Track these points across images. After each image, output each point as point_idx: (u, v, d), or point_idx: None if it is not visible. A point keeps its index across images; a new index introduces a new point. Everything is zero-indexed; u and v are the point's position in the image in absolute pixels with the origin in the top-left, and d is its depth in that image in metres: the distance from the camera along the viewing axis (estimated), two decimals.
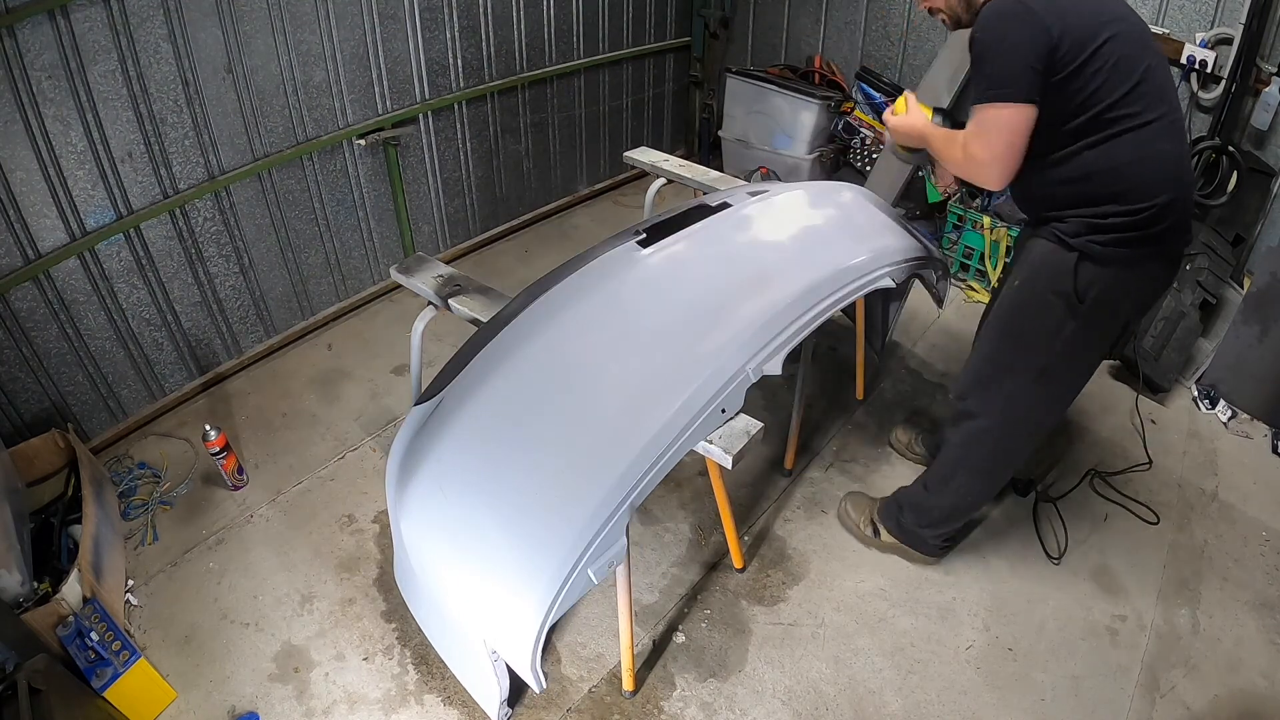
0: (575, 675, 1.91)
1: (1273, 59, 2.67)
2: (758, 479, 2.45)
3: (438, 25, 3.02)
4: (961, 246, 3.33)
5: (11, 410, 2.32)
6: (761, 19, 4.01)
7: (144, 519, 2.32)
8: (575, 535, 1.44)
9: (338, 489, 2.43)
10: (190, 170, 2.50)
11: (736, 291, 1.83)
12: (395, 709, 1.84)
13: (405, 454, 1.71)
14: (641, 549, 2.21)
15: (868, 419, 2.70)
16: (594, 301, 1.82)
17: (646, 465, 1.51)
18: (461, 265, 3.48)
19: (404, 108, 3.04)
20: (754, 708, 1.84)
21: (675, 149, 4.47)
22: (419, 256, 2.27)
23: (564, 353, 1.73)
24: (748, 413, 1.65)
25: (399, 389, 2.82)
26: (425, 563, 1.64)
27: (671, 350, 1.70)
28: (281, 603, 2.08)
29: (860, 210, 2.27)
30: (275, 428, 2.66)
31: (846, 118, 3.63)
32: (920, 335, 3.12)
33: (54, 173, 2.18)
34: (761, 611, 2.06)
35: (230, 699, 1.86)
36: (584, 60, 3.68)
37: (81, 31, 2.10)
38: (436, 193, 3.38)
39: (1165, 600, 2.10)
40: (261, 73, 2.56)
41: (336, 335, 3.12)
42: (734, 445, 1.57)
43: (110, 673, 1.72)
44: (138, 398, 2.66)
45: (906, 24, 3.48)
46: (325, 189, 2.94)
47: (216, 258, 2.70)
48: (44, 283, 2.27)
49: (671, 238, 1.97)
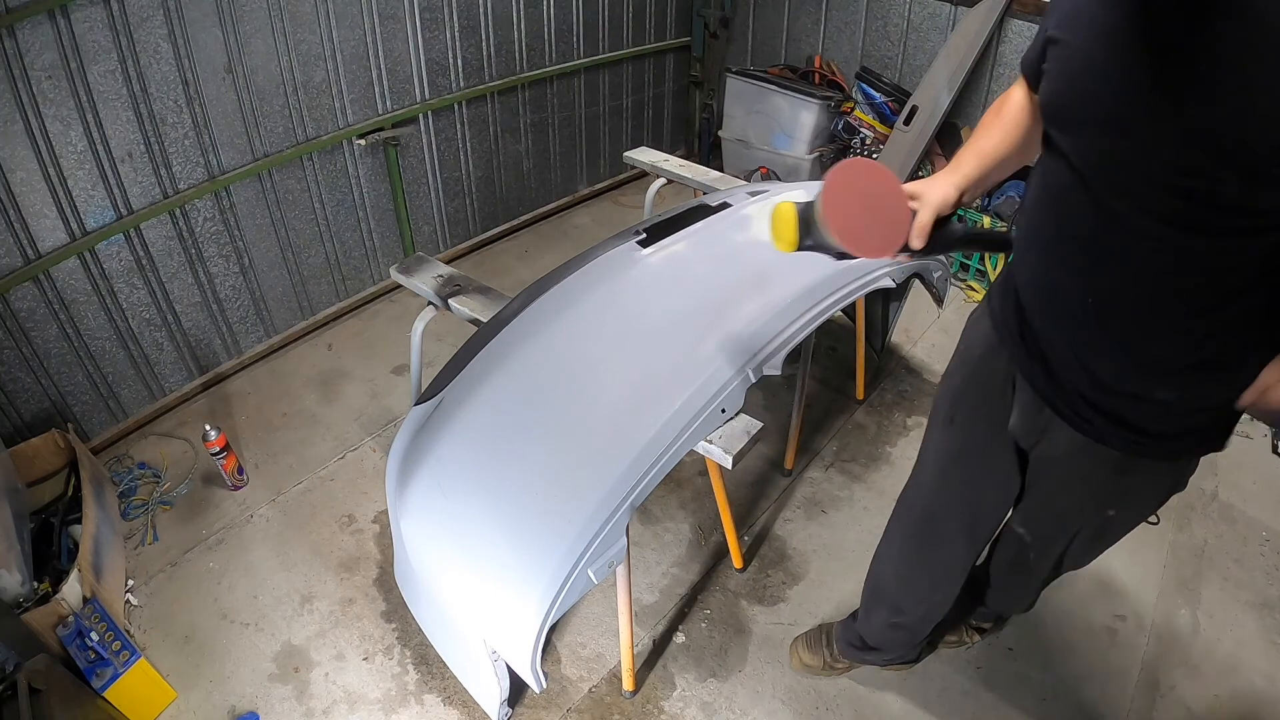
0: (575, 675, 1.91)
1: None
2: (758, 479, 2.45)
3: (438, 25, 3.02)
4: None
5: (11, 410, 2.32)
6: (761, 19, 4.01)
7: (144, 519, 2.32)
8: (575, 535, 1.44)
9: (338, 489, 2.43)
10: (190, 170, 2.50)
11: (736, 291, 1.83)
12: (395, 709, 1.84)
13: (405, 454, 1.71)
14: (641, 549, 2.21)
15: (868, 419, 2.70)
16: (594, 301, 1.82)
17: (646, 465, 1.51)
18: (461, 265, 3.48)
19: (404, 108, 3.04)
20: (754, 708, 1.84)
21: (675, 149, 4.47)
22: (419, 256, 2.27)
23: (564, 353, 1.73)
24: (748, 413, 1.65)
25: (399, 389, 2.82)
26: (425, 562, 1.64)
27: (671, 350, 1.70)
28: (281, 603, 2.08)
29: None
30: (275, 428, 2.66)
31: (846, 118, 3.62)
32: (920, 335, 3.12)
33: (54, 173, 2.18)
34: (761, 611, 2.06)
35: (230, 699, 1.86)
36: (584, 60, 3.68)
37: (81, 31, 2.10)
38: (436, 193, 3.38)
39: (1165, 600, 2.10)
40: (261, 73, 2.55)
41: (336, 335, 3.12)
42: (734, 445, 1.57)
43: (110, 673, 1.72)
44: (138, 398, 2.66)
45: (906, 24, 3.48)
46: (325, 189, 2.94)
47: (216, 258, 2.70)
48: (44, 283, 2.27)
49: (671, 238, 1.97)
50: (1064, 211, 1.02)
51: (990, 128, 1.22)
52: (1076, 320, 1.07)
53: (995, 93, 3.31)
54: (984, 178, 1.18)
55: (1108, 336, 1.05)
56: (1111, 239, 0.97)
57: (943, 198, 1.11)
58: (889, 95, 3.54)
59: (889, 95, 3.54)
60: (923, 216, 1.10)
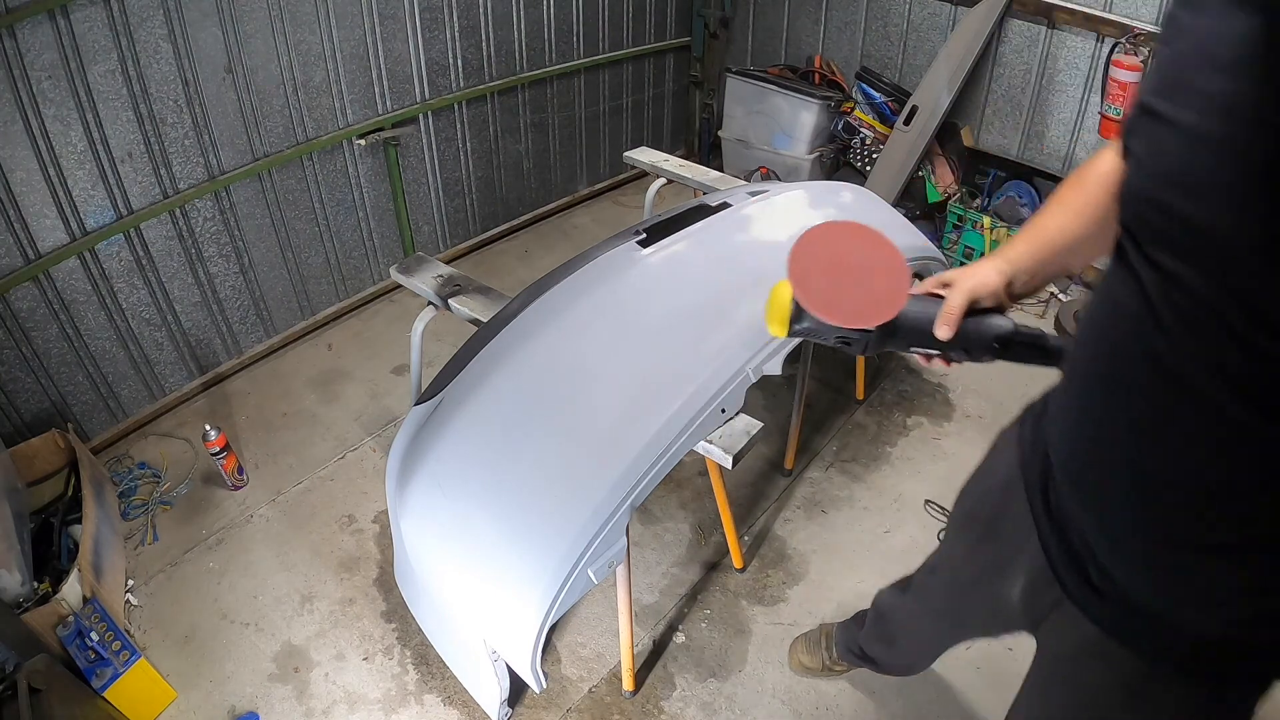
0: (575, 675, 1.91)
1: None
2: (758, 479, 2.45)
3: (438, 25, 3.02)
4: (961, 246, 3.33)
5: (11, 410, 2.32)
6: (761, 19, 4.01)
7: (144, 519, 2.32)
8: (575, 535, 1.44)
9: (338, 489, 2.42)
10: (190, 170, 2.50)
11: (736, 291, 1.83)
12: (395, 709, 1.84)
13: (405, 454, 1.71)
14: (641, 549, 2.21)
15: (868, 419, 2.70)
16: (594, 301, 1.82)
17: (646, 465, 1.51)
18: (461, 265, 3.48)
19: (404, 108, 3.04)
20: (754, 708, 1.84)
21: (675, 149, 4.47)
22: (419, 256, 2.27)
23: (564, 353, 1.73)
24: (748, 413, 1.65)
25: (399, 389, 2.82)
26: (425, 563, 1.64)
27: (671, 350, 1.70)
28: (281, 603, 2.08)
29: (860, 210, 2.27)
30: (275, 428, 2.66)
31: (846, 118, 3.63)
32: None
33: (54, 173, 2.18)
34: (761, 611, 2.06)
35: (230, 699, 1.86)
36: (584, 60, 3.68)
37: (81, 31, 2.10)
38: (436, 193, 3.38)
39: None
40: (261, 73, 2.55)
41: (336, 335, 3.12)
42: (734, 445, 1.57)
43: (110, 673, 1.72)
44: (138, 398, 2.66)
45: (906, 24, 3.48)
46: (325, 189, 2.94)
47: (216, 258, 2.70)
48: (44, 283, 2.27)
49: (671, 238, 1.97)
50: (1122, 362, 0.74)
51: (1062, 202, 0.94)
52: (1113, 502, 0.79)
53: (995, 92, 3.31)
54: (1042, 262, 0.93)
55: (1149, 519, 0.77)
56: (1180, 419, 0.69)
57: (980, 281, 0.89)
58: (889, 95, 3.54)
59: (889, 95, 3.54)
60: (952, 300, 0.88)
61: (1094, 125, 3.03)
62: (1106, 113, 2.91)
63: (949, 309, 0.88)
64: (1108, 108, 2.89)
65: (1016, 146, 3.34)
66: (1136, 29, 2.78)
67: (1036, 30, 3.08)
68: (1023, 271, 0.92)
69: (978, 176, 3.40)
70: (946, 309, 0.88)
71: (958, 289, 0.89)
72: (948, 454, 2.53)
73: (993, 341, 0.91)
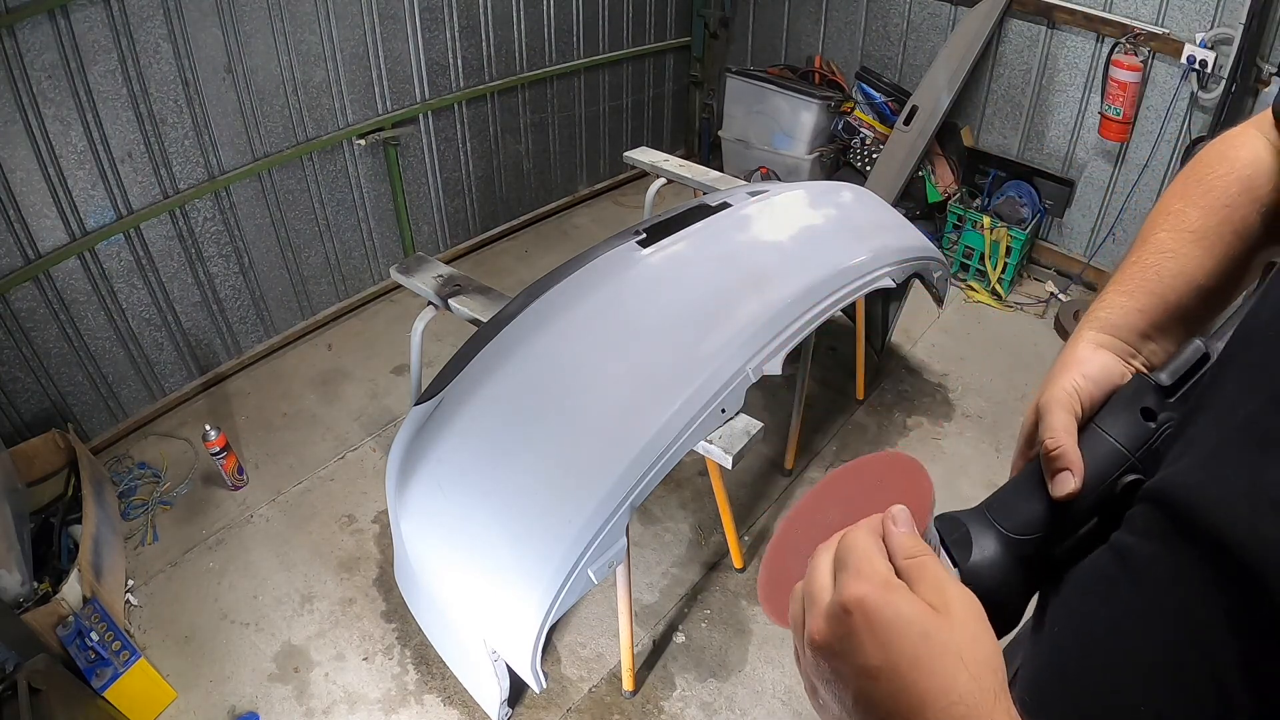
0: (575, 675, 1.91)
1: (1273, 59, 2.66)
2: (758, 479, 2.45)
3: (438, 25, 3.02)
4: (961, 246, 3.33)
5: (11, 410, 2.32)
6: (761, 19, 4.01)
7: (144, 519, 2.32)
8: (575, 535, 1.44)
9: (338, 489, 2.42)
10: (190, 170, 2.50)
11: (736, 291, 1.83)
12: (395, 709, 1.84)
13: (405, 454, 1.71)
14: (641, 549, 2.21)
15: (868, 419, 2.70)
16: (594, 301, 1.82)
17: (646, 465, 1.51)
18: (461, 265, 3.48)
19: (404, 108, 3.04)
20: (754, 708, 1.84)
21: (675, 149, 4.47)
22: (419, 256, 2.27)
23: (564, 353, 1.73)
24: (748, 413, 1.65)
25: (399, 389, 2.82)
26: (425, 563, 1.64)
27: (671, 350, 1.70)
28: (281, 603, 2.08)
29: (860, 210, 2.27)
30: (275, 428, 2.66)
31: (846, 118, 3.62)
32: (920, 335, 3.12)
33: (54, 173, 2.18)
34: (761, 612, 2.06)
35: (230, 699, 1.86)
36: (584, 60, 3.67)
37: (81, 31, 2.10)
38: (436, 193, 3.38)
39: None
40: (261, 73, 2.55)
41: (336, 335, 3.12)
42: (734, 445, 1.57)
43: (110, 673, 1.72)
44: (138, 398, 2.66)
45: (906, 24, 3.47)
46: (325, 189, 2.94)
47: (216, 258, 2.70)
48: (44, 283, 2.27)
49: (671, 238, 1.97)
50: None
51: (1175, 214, 0.60)
52: None
53: (995, 93, 3.31)
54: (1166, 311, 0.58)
55: None
56: None
57: (1072, 385, 0.54)
58: (889, 95, 3.54)
59: (889, 95, 3.54)
60: (1052, 425, 0.52)
61: (1094, 125, 3.02)
62: (1106, 113, 2.91)
63: (1051, 434, 0.51)
64: (1107, 108, 2.89)
65: (1016, 146, 3.34)
66: (1136, 29, 2.78)
67: (1036, 30, 3.08)
68: (1136, 327, 0.57)
69: (978, 176, 3.40)
70: (1053, 446, 0.50)
71: (1050, 408, 0.53)
72: (948, 454, 2.53)
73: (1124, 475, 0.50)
